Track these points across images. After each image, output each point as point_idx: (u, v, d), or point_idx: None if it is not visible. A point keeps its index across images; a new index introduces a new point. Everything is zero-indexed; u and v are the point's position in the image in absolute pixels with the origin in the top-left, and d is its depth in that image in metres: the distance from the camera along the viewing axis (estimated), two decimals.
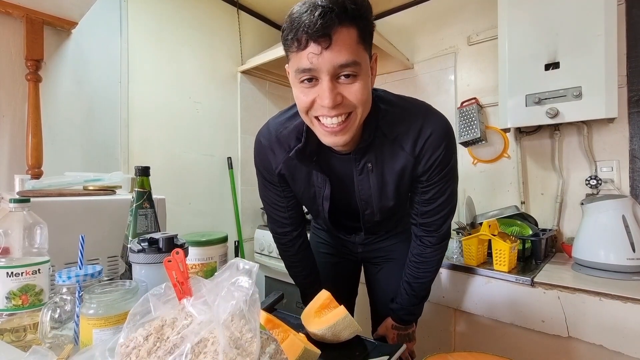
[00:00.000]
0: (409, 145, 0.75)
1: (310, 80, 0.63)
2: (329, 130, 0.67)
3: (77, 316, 0.54)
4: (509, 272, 1.22)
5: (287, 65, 0.70)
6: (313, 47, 0.59)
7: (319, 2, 0.58)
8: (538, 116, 1.36)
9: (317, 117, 0.68)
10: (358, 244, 1.05)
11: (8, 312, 0.61)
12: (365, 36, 0.63)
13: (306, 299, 0.99)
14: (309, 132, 0.75)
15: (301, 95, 0.66)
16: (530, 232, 1.45)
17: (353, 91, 0.63)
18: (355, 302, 1.19)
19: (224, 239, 0.88)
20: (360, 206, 0.86)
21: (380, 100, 0.77)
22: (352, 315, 1.15)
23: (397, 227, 1.02)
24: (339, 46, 0.59)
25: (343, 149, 0.76)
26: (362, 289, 1.18)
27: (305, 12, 0.58)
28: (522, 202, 1.64)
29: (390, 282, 1.02)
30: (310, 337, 0.73)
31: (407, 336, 0.98)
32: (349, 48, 0.60)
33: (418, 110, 0.76)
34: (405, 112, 0.76)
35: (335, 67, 0.60)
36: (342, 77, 0.62)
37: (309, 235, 1.09)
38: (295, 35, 0.60)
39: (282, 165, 0.84)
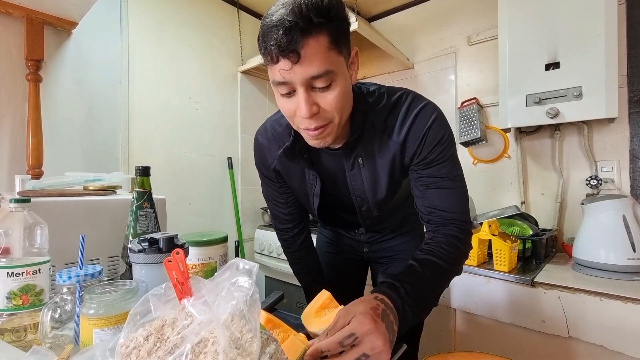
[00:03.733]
0: (394, 133, 0.75)
1: (287, 91, 0.64)
2: (311, 136, 0.68)
3: (78, 316, 0.54)
4: (509, 272, 1.22)
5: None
6: (283, 63, 0.59)
7: (285, 16, 0.57)
8: (538, 116, 1.36)
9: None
10: (364, 242, 1.04)
11: (8, 312, 0.61)
12: (339, 38, 0.62)
13: (309, 297, 0.99)
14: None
15: (282, 105, 0.67)
16: (531, 232, 1.45)
17: (329, 101, 0.64)
18: None
19: (224, 239, 0.88)
20: (356, 202, 0.86)
21: (368, 94, 0.77)
22: None
23: (404, 226, 1.01)
24: (308, 59, 0.59)
25: (332, 145, 0.77)
26: (368, 291, 1.17)
27: (273, 26, 0.58)
28: (523, 202, 1.64)
29: None
30: (310, 338, 0.73)
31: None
32: (319, 58, 0.59)
33: (405, 99, 0.76)
34: (393, 102, 0.76)
35: (307, 79, 0.60)
36: (317, 85, 0.62)
37: (315, 235, 1.09)
38: (265, 50, 0.60)
39: (277, 161, 0.86)
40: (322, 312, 0.78)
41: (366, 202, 0.85)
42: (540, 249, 1.34)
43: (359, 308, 0.53)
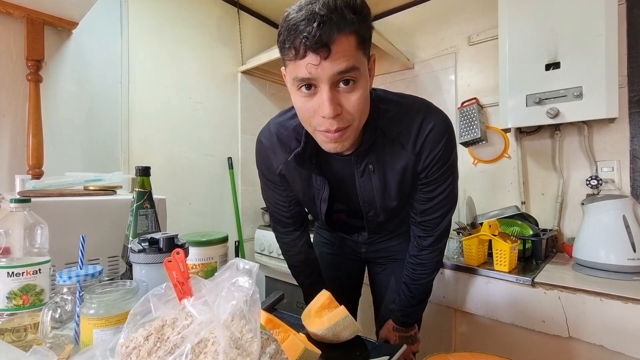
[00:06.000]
0: (409, 144, 0.75)
1: (309, 87, 0.62)
2: (329, 139, 0.67)
3: (78, 316, 0.54)
4: (510, 272, 1.22)
5: (282, 68, 0.69)
6: (312, 58, 0.58)
7: (317, 10, 0.56)
8: (538, 116, 1.35)
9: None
10: (362, 243, 1.04)
11: (9, 312, 0.61)
12: (365, 41, 0.62)
13: (308, 298, 0.99)
14: (308, 135, 0.75)
15: (301, 105, 0.66)
16: (531, 232, 1.45)
17: (352, 102, 0.63)
18: (359, 303, 1.19)
19: (225, 239, 0.88)
20: (364, 208, 0.86)
21: (380, 101, 0.76)
22: (355, 315, 1.15)
23: (401, 227, 1.01)
24: (338, 55, 0.58)
25: (343, 151, 0.76)
26: (365, 290, 1.17)
27: (303, 20, 0.57)
28: (523, 202, 1.64)
29: (393, 282, 1.02)
30: (310, 337, 0.73)
31: (410, 338, 0.96)
32: (348, 55, 0.59)
33: (418, 108, 0.76)
34: (405, 111, 0.76)
35: (335, 74, 0.59)
36: (342, 84, 0.61)
37: (312, 235, 1.09)
38: (292, 44, 0.59)
39: (283, 165, 0.85)
40: (322, 312, 0.78)
41: (374, 207, 0.85)
42: (540, 249, 1.34)
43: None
